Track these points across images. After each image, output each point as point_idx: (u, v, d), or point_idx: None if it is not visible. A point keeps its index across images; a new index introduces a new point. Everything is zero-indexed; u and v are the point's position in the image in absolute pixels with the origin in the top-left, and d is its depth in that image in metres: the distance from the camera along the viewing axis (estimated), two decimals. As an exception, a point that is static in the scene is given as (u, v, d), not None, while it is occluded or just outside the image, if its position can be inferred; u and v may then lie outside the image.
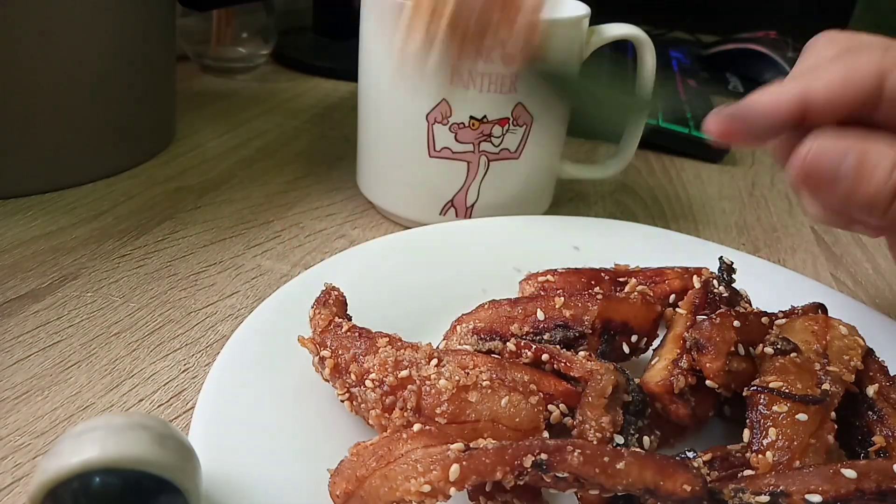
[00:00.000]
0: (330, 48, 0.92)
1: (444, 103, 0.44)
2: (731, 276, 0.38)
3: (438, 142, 0.46)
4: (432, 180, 0.48)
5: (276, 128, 0.68)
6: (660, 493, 0.23)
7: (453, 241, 0.44)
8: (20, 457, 0.30)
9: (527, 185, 0.50)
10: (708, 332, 0.31)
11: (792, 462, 0.27)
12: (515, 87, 0.44)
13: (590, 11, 0.48)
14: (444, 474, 0.23)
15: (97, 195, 0.51)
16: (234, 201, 0.53)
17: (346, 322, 0.31)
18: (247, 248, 0.47)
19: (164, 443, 0.22)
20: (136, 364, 0.35)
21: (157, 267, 0.44)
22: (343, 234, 0.50)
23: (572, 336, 0.33)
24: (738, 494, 0.25)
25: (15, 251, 0.43)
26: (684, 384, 0.31)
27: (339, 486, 0.25)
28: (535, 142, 0.48)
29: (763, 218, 0.61)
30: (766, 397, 0.29)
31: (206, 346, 0.37)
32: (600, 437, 0.28)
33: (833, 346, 0.31)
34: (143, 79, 0.55)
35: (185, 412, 0.33)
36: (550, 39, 0.44)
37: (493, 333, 0.34)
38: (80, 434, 0.22)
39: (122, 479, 0.21)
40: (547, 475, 0.23)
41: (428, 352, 0.30)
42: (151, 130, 0.59)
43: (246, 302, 0.41)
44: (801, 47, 0.34)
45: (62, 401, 0.33)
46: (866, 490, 0.24)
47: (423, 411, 0.28)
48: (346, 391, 0.30)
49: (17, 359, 0.35)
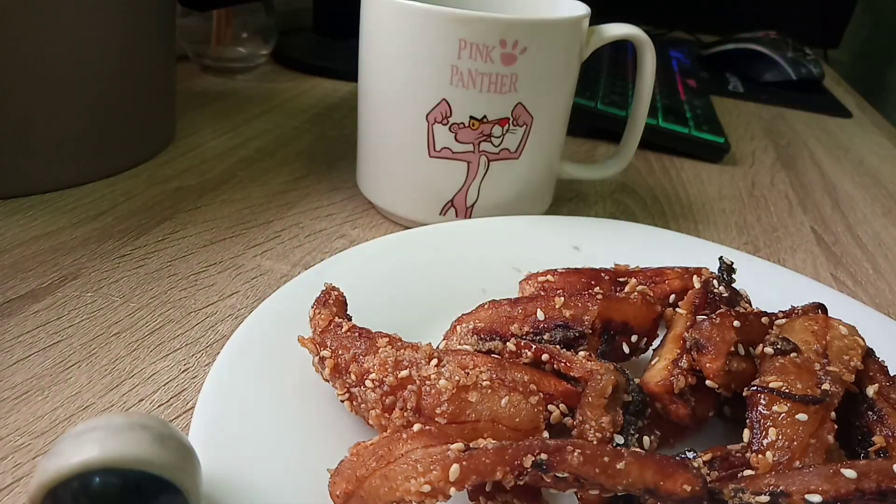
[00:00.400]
0: (330, 48, 0.92)
1: (444, 103, 0.44)
2: (731, 276, 0.38)
3: (438, 142, 0.46)
4: (432, 180, 0.48)
5: (276, 128, 0.68)
6: (660, 493, 0.23)
7: (453, 241, 0.44)
8: (20, 457, 0.29)
9: (527, 185, 0.50)
10: (708, 332, 0.31)
11: (792, 462, 0.27)
12: (515, 86, 0.44)
13: (590, 11, 0.48)
14: (444, 474, 0.23)
15: (97, 195, 0.51)
16: (234, 201, 0.53)
17: (346, 322, 0.31)
18: (247, 248, 0.47)
19: (164, 443, 0.22)
20: (136, 364, 0.35)
21: (157, 267, 0.44)
22: (343, 234, 0.50)
23: (572, 336, 0.33)
24: (738, 494, 0.25)
25: (15, 251, 0.43)
26: (684, 384, 0.31)
27: (339, 486, 0.25)
28: (535, 142, 0.48)
29: (763, 218, 0.61)
30: (766, 397, 0.29)
31: (206, 346, 0.37)
32: (600, 437, 0.28)
33: (833, 346, 0.31)
34: (143, 79, 0.55)
35: (185, 412, 0.33)
36: (550, 40, 0.44)
37: (493, 333, 0.34)
38: (80, 434, 0.22)
39: (122, 479, 0.21)
40: (547, 475, 0.23)
41: (428, 352, 0.30)
42: (151, 130, 0.59)
43: (246, 302, 0.41)
44: (801, 47, 0.34)
45: (62, 401, 0.33)
46: (866, 490, 0.24)
47: (423, 411, 0.28)
48: (346, 391, 0.30)
49: (17, 359, 0.35)
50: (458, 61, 0.43)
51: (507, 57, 0.43)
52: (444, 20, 0.42)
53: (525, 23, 0.43)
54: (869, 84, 1.50)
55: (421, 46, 0.44)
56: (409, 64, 0.44)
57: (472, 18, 0.42)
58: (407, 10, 0.43)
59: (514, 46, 0.43)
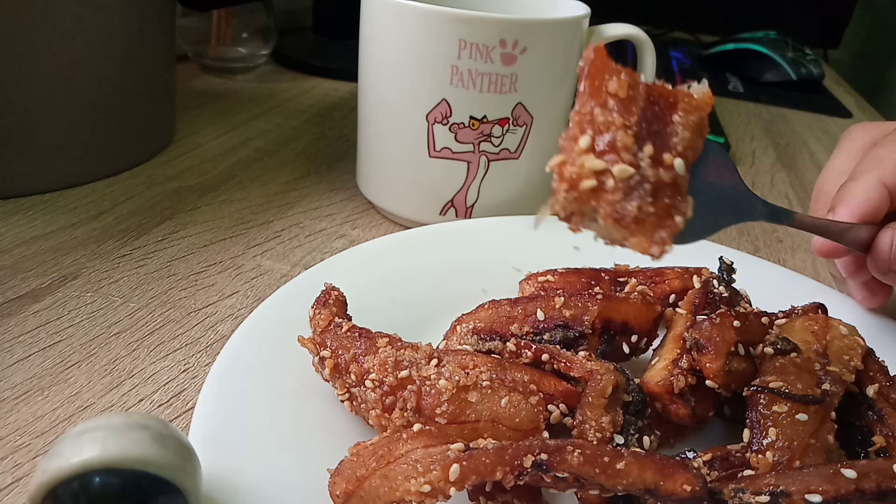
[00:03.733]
0: (330, 48, 0.92)
1: (444, 103, 0.45)
2: (731, 276, 0.38)
3: (438, 142, 0.46)
4: (432, 180, 0.48)
5: (276, 128, 0.68)
6: (660, 494, 0.23)
7: (453, 241, 0.44)
8: (20, 457, 0.29)
9: (527, 185, 0.50)
10: (708, 332, 0.31)
11: (792, 462, 0.27)
12: (515, 86, 0.44)
13: (590, 11, 0.48)
14: (444, 474, 0.23)
15: (97, 195, 0.51)
16: (233, 201, 0.53)
17: (346, 322, 0.31)
18: (247, 248, 0.47)
19: (164, 443, 0.22)
20: (136, 364, 0.35)
21: (157, 267, 0.44)
22: (343, 234, 0.50)
23: (572, 336, 0.33)
24: (738, 494, 0.25)
25: (15, 251, 0.43)
26: (684, 384, 0.31)
27: (339, 486, 0.25)
28: (535, 142, 0.48)
29: (763, 218, 0.61)
30: (766, 397, 0.29)
31: (206, 346, 0.37)
32: (600, 437, 0.28)
33: (833, 346, 0.31)
34: (143, 79, 0.55)
35: (185, 412, 0.33)
36: (551, 40, 0.44)
37: (493, 333, 0.34)
38: (80, 434, 0.22)
39: (122, 479, 0.21)
40: (547, 475, 0.23)
41: (428, 352, 0.30)
42: (151, 130, 0.59)
43: (246, 302, 0.41)
44: (801, 47, 0.35)
45: (62, 401, 0.33)
46: (866, 490, 0.24)
47: (423, 411, 0.28)
48: (346, 391, 0.30)
49: (17, 359, 0.35)
50: (458, 61, 0.43)
51: (506, 57, 0.43)
52: (444, 20, 0.42)
53: (525, 23, 0.43)
54: (869, 84, 1.50)
55: (421, 46, 0.44)
56: (409, 64, 0.44)
57: (472, 18, 0.42)
58: (407, 11, 0.43)
59: (513, 46, 0.43)
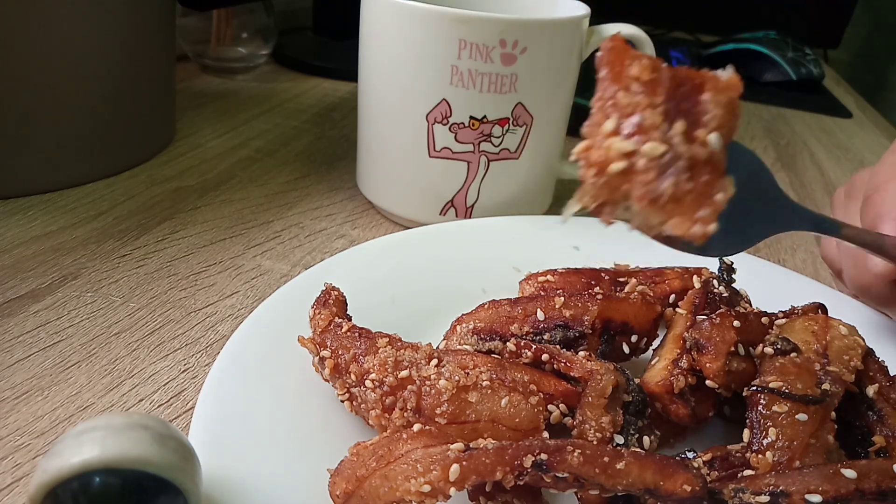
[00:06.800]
0: (330, 48, 0.92)
1: (444, 103, 0.44)
2: (731, 276, 0.38)
3: (438, 142, 0.46)
4: (432, 180, 0.48)
5: (276, 128, 0.68)
6: (660, 494, 0.23)
7: (453, 241, 0.44)
8: (20, 457, 0.29)
9: (527, 185, 0.50)
10: (708, 332, 0.31)
11: (792, 462, 0.27)
12: (515, 87, 0.44)
13: (590, 11, 0.48)
14: (444, 474, 0.23)
15: (97, 195, 0.51)
16: (233, 201, 0.53)
17: (346, 322, 0.31)
18: (247, 248, 0.47)
19: (164, 443, 0.22)
20: (136, 364, 0.35)
21: (157, 267, 0.44)
22: (343, 234, 0.50)
23: (572, 336, 0.33)
24: (738, 494, 0.25)
25: (15, 251, 0.43)
26: (684, 384, 0.31)
27: (339, 486, 0.25)
28: (535, 142, 0.48)
29: (763, 218, 0.61)
30: (766, 397, 0.29)
31: (206, 346, 0.37)
32: (600, 437, 0.28)
33: (833, 346, 0.31)
34: (143, 79, 0.55)
35: (185, 412, 0.33)
36: (551, 40, 0.44)
37: (493, 333, 0.34)
38: (80, 434, 0.22)
39: (122, 479, 0.21)
40: (547, 475, 0.23)
41: (428, 352, 0.30)
42: (151, 130, 0.59)
43: (246, 302, 0.41)
44: (801, 47, 0.35)
45: (62, 401, 0.33)
46: (866, 490, 0.24)
47: (423, 411, 0.28)
48: (346, 391, 0.30)
49: (17, 359, 0.35)
50: (458, 61, 0.43)
51: (506, 57, 0.43)
52: (444, 20, 0.42)
53: (525, 23, 0.43)
54: (869, 84, 1.50)
55: (421, 46, 0.44)
56: (409, 64, 0.44)
57: (472, 18, 0.42)
58: (407, 10, 0.43)
59: (513, 46, 0.43)
